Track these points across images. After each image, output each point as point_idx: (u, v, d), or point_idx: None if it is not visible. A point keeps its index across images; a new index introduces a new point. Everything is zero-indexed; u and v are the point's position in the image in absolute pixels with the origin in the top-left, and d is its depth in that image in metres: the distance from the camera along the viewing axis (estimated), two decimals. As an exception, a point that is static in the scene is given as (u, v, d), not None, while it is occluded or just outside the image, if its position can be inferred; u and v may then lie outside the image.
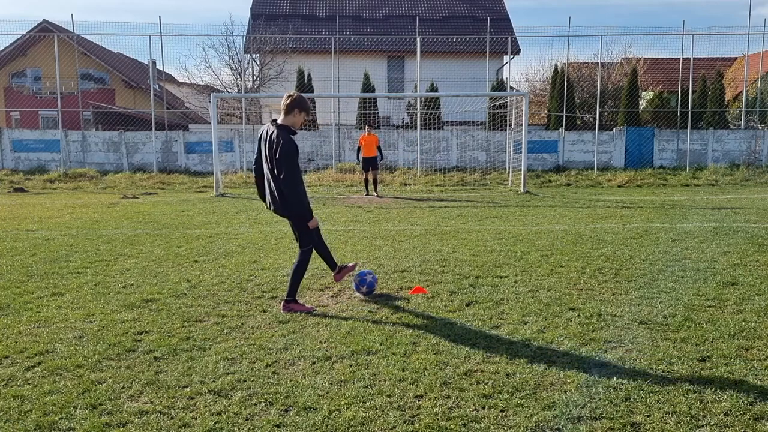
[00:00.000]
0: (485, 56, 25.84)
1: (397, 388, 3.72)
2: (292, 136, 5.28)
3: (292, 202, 5.28)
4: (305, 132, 24.26)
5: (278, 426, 3.28)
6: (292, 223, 5.60)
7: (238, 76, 27.05)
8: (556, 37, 29.43)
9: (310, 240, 5.56)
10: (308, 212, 5.36)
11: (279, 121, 5.37)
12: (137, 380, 3.87)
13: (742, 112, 25.85)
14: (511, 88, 28.81)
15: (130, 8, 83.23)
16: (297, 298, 5.54)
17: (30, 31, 27.61)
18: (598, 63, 25.12)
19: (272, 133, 5.28)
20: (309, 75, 25.30)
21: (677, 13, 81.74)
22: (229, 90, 27.44)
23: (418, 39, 24.21)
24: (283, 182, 5.22)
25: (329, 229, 10.48)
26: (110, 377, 3.92)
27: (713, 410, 3.42)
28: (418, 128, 23.97)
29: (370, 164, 16.57)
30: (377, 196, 16.55)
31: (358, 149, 16.64)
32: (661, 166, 23.90)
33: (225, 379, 3.87)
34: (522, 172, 17.96)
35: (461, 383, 3.79)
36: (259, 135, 5.48)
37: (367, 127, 17.04)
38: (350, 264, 6.00)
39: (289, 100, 5.31)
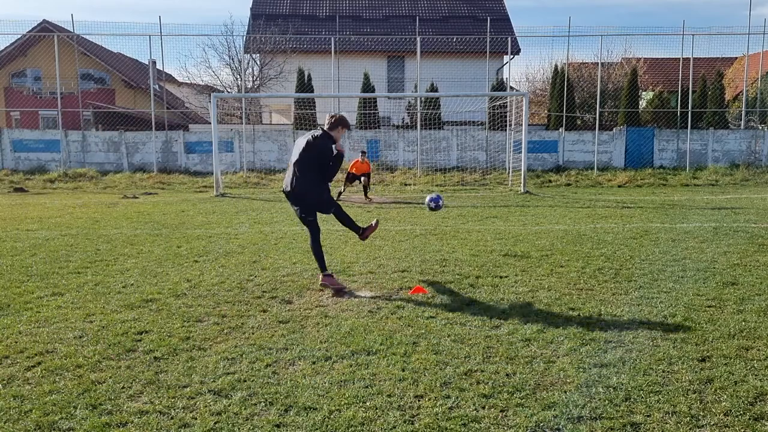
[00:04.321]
0: (485, 56, 25.84)
1: (397, 388, 3.72)
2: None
3: None
4: (305, 132, 24.25)
5: (278, 426, 3.28)
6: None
7: (238, 76, 27.06)
8: (556, 37, 29.54)
9: None
10: None
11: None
12: (137, 380, 3.87)
13: (742, 112, 25.84)
14: (511, 88, 28.81)
15: (130, 8, 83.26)
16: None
17: (30, 31, 27.61)
18: (598, 63, 25.12)
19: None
20: (309, 75, 25.30)
21: (677, 13, 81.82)
22: (229, 90, 27.44)
23: (418, 39, 24.20)
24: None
25: (329, 229, 10.48)
26: (110, 377, 3.92)
27: (713, 410, 3.42)
28: (418, 128, 23.96)
29: (358, 177, 15.87)
30: (366, 198, 15.81)
31: (348, 174, 15.85)
32: (661, 166, 23.90)
33: (225, 379, 3.87)
34: (522, 172, 17.97)
35: (461, 383, 3.79)
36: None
37: (361, 154, 16.28)
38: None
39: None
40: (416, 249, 8.37)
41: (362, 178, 15.95)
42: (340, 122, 6.27)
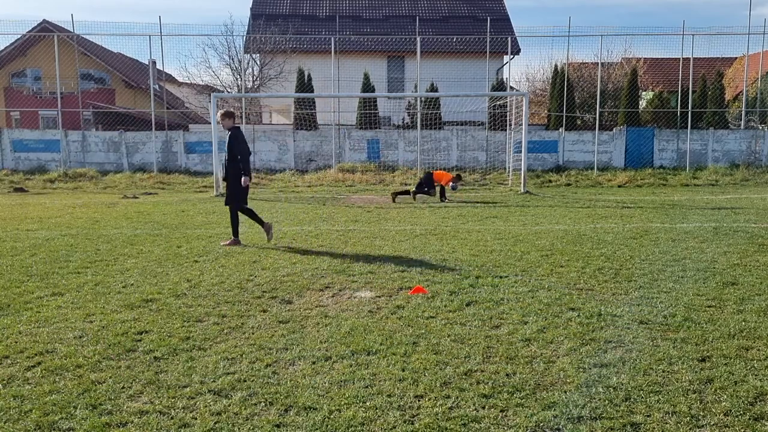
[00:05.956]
0: (485, 56, 25.83)
1: (397, 388, 3.72)
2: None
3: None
4: (305, 132, 24.31)
5: (278, 426, 3.28)
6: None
7: (238, 76, 27.06)
8: (556, 37, 29.51)
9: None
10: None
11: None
12: (137, 380, 3.87)
13: (742, 112, 25.84)
14: (511, 88, 28.80)
15: (130, 8, 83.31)
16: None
17: (30, 31, 27.59)
18: (598, 63, 25.12)
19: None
20: (309, 75, 25.30)
21: (677, 13, 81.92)
22: (229, 90, 27.43)
23: (418, 39, 24.20)
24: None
25: (329, 229, 10.48)
26: (110, 377, 3.92)
27: (713, 410, 3.42)
28: (418, 128, 23.97)
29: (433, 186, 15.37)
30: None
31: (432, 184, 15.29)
32: (661, 166, 23.89)
33: (225, 379, 3.87)
34: (522, 172, 17.96)
35: (461, 383, 3.79)
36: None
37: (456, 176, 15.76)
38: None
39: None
40: (416, 249, 8.37)
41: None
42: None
